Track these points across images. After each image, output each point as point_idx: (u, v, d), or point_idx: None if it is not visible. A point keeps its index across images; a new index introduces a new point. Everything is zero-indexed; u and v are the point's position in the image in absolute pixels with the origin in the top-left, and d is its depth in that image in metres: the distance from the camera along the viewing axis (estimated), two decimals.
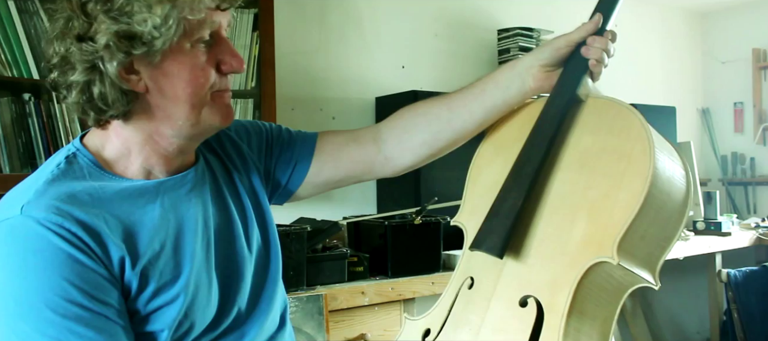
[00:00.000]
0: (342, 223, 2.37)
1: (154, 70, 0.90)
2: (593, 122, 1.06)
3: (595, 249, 0.95)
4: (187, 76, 0.90)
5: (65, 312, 0.82)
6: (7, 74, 1.89)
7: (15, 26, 1.89)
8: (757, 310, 3.10)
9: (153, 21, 0.84)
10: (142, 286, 0.89)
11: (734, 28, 4.28)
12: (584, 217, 0.98)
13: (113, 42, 0.85)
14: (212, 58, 0.93)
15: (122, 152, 0.95)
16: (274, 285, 1.09)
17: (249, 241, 1.05)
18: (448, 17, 3.11)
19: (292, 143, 1.19)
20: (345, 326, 2.09)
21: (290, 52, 2.62)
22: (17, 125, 1.94)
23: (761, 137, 4.14)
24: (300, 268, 2.03)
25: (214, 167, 1.07)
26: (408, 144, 1.18)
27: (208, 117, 0.94)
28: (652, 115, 3.03)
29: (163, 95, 0.91)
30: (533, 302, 0.98)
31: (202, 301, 0.95)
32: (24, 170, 1.92)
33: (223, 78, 0.95)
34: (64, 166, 0.92)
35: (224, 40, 0.94)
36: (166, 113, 0.92)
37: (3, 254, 0.84)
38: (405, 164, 1.20)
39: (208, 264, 0.98)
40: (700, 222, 3.31)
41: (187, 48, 0.89)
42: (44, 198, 0.86)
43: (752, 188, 4.20)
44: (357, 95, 2.83)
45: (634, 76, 3.89)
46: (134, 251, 0.89)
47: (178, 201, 0.97)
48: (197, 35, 0.89)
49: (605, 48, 1.11)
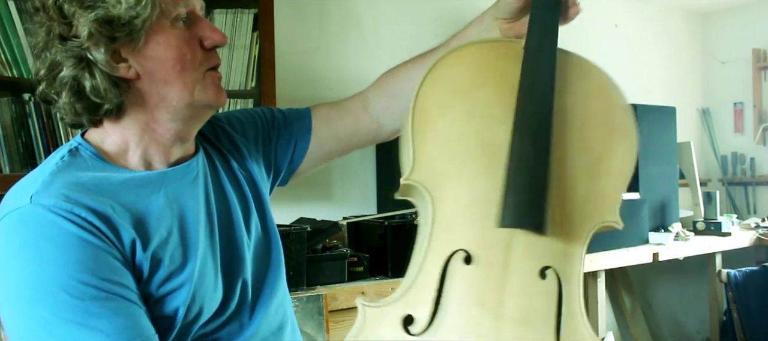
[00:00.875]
0: (342, 223, 2.37)
1: (141, 55, 0.91)
2: (574, 82, 1.01)
3: (599, 214, 0.95)
4: (174, 54, 0.92)
5: (82, 294, 0.82)
6: (7, 74, 1.89)
7: (15, 26, 1.89)
8: (757, 310, 3.10)
9: (126, 1, 0.87)
10: (153, 270, 0.90)
11: (734, 28, 4.28)
12: (584, 181, 0.97)
13: (95, 29, 0.87)
14: (194, 35, 0.94)
15: (121, 147, 0.96)
16: (277, 271, 1.10)
17: (248, 229, 1.06)
18: (448, 17, 3.11)
19: (288, 123, 1.20)
20: (345, 326, 2.09)
21: (290, 52, 2.62)
22: (17, 125, 1.94)
23: (761, 137, 4.15)
24: (300, 268, 2.03)
25: (213, 157, 1.08)
26: (396, 109, 1.20)
27: (201, 95, 0.96)
28: (652, 115, 3.04)
29: (154, 78, 0.93)
30: (553, 273, 0.92)
31: (209, 288, 0.96)
32: (24, 170, 1.92)
33: (209, 53, 0.97)
34: (68, 158, 0.93)
35: (201, 18, 0.96)
36: (160, 96, 0.94)
37: (16, 243, 0.84)
38: (396, 129, 1.22)
39: (214, 252, 0.99)
40: (700, 222, 3.31)
41: (167, 26, 0.91)
42: (52, 187, 0.87)
43: (752, 188, 4.20)
44: None
45: (634, 76, 3.89)
46: (144, 235, 0.90)
47: (180, 191, 0.98)
48: (174, 12, 0.91)
49: None
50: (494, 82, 1.01)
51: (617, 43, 3.89)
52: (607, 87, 1.01)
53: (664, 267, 3.35)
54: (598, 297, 2.84)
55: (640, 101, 3.11)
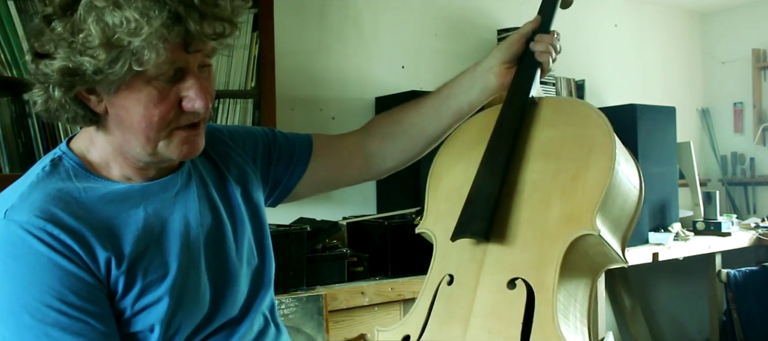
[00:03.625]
0: (342, 223, 2.37)
1: (111, 97, 0.88)
2: (551, 117, 1.17)
3: (575, 224, 1.02)
4: (141, 111, 0.88)
5: (44, 317, 0.82)
6: (7, 74, 1.89)
7: (15, 26, 1.89)
8: (756, 310, 3.10)
9: (96, 64, 0.82)
10: (129, 285, 0.89)
11: (734, 28, 4.28)
12: (558, 198, 1.06)
13: (57, 75, 0.84)
14: (175, 93, 0.89)
15: (103, 158, 0.96)
16: (267, 289, 1.10)
17: (239, 244, 1.05)
18: (448, 17, 3.11)
19: (289, 145, 1.20)
20: (345, 326, 2.09)
21: (290, 52, 2.62)
22: (17, 125, 1.94)
23: (761, 138, 4.14)
24: (300, 268, 2.03)
25: (203, 170, 1.07)
26: (388, 151, 1.26)
27: (165, 151, 0.92)
28: (652, 115, 3.04)
29: (120, 122, 0.90)
30: (522, 282, 1.02)
31: (190, 302, 0.95)
32: (24, 171, 1.92)
33: (187, 114, 0.91)
34: (49, 168, 0.93)
35: (192, 76, 0.89)
36: (124, 138, 0.92)
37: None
38: (387, 168, 1.30)
39: (197, 267, 0.98)
40: (700, 222, 3.31)
41: (141, 84, 0.86)
42: (28, 202, 0.86)
43: (752, 189, 4.20)
44: (357, 95, 2.82)
45: (634, 76, 3.89)
46: (119, 250, 0.89)
47: (162, 205, 0.97)
48: (154, 74, 0.85)
49: (551, 42, 1.20)
50: (488, 138, 1.16)
51: (617, 43, 3.89)
52: (587, 114, 1.15)
53: (664, 267, 3.35)
54: (598, 297, 2.84)
55: (640, 101, 3.10)
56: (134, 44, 0.81)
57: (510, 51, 1.20)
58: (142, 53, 0.81)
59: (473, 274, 1.07)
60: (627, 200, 1.11)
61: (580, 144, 1.09)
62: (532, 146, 1.14)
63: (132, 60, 0.82)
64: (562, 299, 1.00)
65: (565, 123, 1.15)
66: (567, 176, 1.07)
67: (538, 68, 1.20)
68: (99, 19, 0.80)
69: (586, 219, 1.01)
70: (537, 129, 1.16)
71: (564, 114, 1.17)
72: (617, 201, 1.08)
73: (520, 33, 1.21)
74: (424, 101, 1.27)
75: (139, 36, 0.80)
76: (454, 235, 1.09)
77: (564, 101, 1.21)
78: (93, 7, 0.81)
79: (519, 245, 1.06)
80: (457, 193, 1.15)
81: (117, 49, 0.81)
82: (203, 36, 0.85)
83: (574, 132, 1.12)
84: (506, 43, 1.21)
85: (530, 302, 1.00)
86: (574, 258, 1.03)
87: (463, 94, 1.23)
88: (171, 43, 0.83)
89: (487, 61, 1.22)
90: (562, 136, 1.13)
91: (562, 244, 1.01)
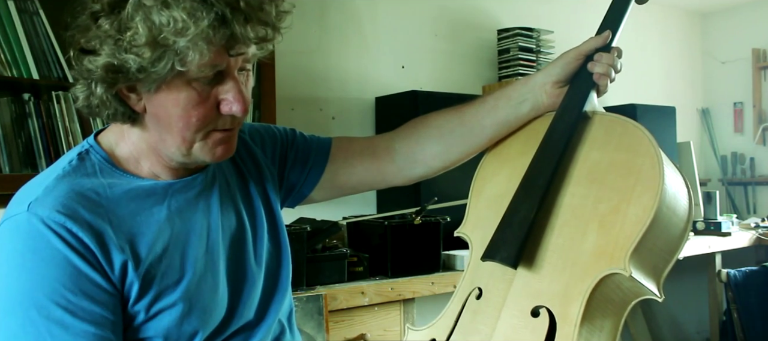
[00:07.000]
0: (342, 223, 2.37)
1: (151, 96, 0.89)
2: (601, 138, 1.09)
3: (607, 261, 0.96)
4: (180, 112, 0.88)
5: (49, 314, 0.83)
6: (7, 74, 1.89)
7: (15, 26, 1.89)
8: (757, 310, 3.10)
9: (140, 62, 0.82)
10: (144, 289, 0.89)
11: (734, 28, 4.28)
12: (595, 229, 1.00)
13: (101, 71, 0.85)
14: (214, 96, 0.89)
15: (133, 154, 0.97)
16: (284, 292, 1.09)
17: (257, 248, 1.05)
18: (448, 17, 3.11)
19: (308, 148, 1.19)
20: (345, 326, 2.09)
21: (290, 52, 2.62)
22: (17, 125, 1.94)
23: (761, 137, 4.15)
24: (300, 268, 2.02)
25: (226, 171, 1.07)
26: (420, 156, 1.20)
27: (199, 153, 0.93)
28: (652, 115, 3.04)
29: (158, 121, 0.91)
30: (545, 312, 0.99)
31: (206, 306, 0.95)
32: (24, 170, 1.92)
33: (224, 117, 0.91)
34: (75, 162, 0.93)
35: (232, 80, 0.89)
36: (161, 137, 0.92)
37: (7, 250, 0.85)
38: (417, 175, 1.23)
39: (215, 269, 0.98)
40: (700, 222, 3.31)
41: (181, 84, 0.86)
42: (52, 196, 0.87)
43: (752, 188, 4.20)
44: (357, 95, 2.82)
45: (633, 76, 3.89)
46: (137, 253, 0.89)
47: (185, 205, 0.97)
48: (195, 75, 0.86)
49: (612, 63, 1.13)
50: (535, 148, 1.12)
51: (617, 43, 3.88)
52: (638, 141, 1.05)
53: None
54: None
55: (640, 101, 3.10)
56: (179, 44, 0.81)
57: (566, 70, 1.13)
58: (186, 54, 0.82)
59: (501, 294, 1.05)
60: (670, 236, 1.03)
61: (627, 173, 1.02)
62: (577, 167, 1.08)
63: (175, 60, 0.82)
64: (584, 333, 0.96)
65: (615, 147, 1.06)
66: (608, 207, 1.00)
67: (593, 89, 1.13)
68: (146, 18, 0.81)
69: (619, 257, 0.95)
70: (584, 148, 1.09)
71: (616, 136, 1.08)
72: (659, 239, 1.01)
73: (579, 51, 1.14)
74: (465, 109, 1.20)
75: (185, 36, 0.80)
76: (484, 256, 1.05)
77: (617, 120, 1.10)
78: (141, 6, 0.81)
79: (548, 272, 1.01)
80: (498, 201, 1.11)
81: (162, 48, 0.81)
82: (247, 39, 0.85)
83: (622, 159, 1.04)
84: (562, 60, 1.14)
85: (552, 332, 0.97)
86: (603, 291, 0.98)
87: (511, 107, 1.16)
88: (215, 45, 0.83)
89: (540, 77, 1.15)
90: (610, 161, 1.05)
91: (590, 280, 0.97)
